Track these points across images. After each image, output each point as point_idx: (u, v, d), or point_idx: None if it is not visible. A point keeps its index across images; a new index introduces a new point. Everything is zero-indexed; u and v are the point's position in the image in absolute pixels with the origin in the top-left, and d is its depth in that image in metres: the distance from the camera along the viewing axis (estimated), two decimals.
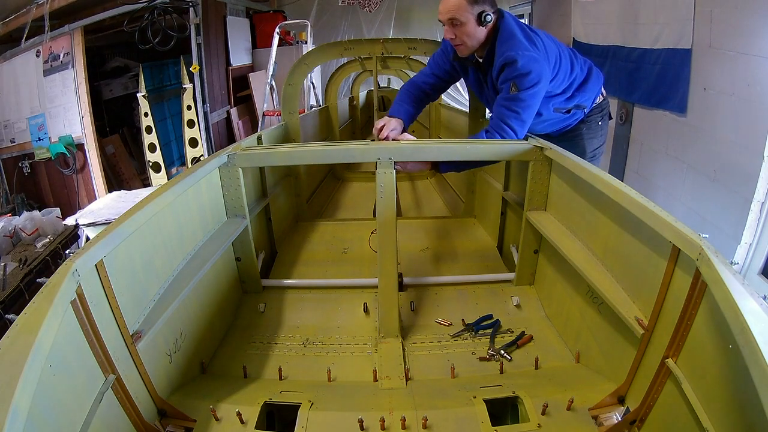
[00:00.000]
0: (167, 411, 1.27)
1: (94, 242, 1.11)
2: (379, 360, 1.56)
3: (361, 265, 2.14)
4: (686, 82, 2.83)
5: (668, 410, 1.11)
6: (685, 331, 1.06)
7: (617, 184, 1.35)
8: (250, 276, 1.96)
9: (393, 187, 1.75)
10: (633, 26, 3.41)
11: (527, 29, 1.86)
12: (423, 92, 2.15)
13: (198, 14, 4.66)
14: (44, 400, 0.85)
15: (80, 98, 4.50)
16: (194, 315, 1.56)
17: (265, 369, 1.56)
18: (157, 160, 4.92)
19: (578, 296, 1.60)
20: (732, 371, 0.90)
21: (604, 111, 2.20)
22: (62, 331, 0.93)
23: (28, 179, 4.83)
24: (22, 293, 2.79)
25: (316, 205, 3.14)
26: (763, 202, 2.35)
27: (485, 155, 1.87)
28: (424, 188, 3.57)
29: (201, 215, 1.69)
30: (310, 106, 4.94)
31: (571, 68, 2.02)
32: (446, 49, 2.07)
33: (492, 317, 1.77)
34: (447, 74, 2.12)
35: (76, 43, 4.46)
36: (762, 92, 2.29)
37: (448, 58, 2.07)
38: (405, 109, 2.07)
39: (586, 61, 2.15)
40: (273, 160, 2.03)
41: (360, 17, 7.42)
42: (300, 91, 2.93)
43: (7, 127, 4.74)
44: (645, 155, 3.42)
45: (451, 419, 1.26)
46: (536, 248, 1.91)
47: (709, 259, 0.97)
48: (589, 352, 1.52)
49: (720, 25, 2.56)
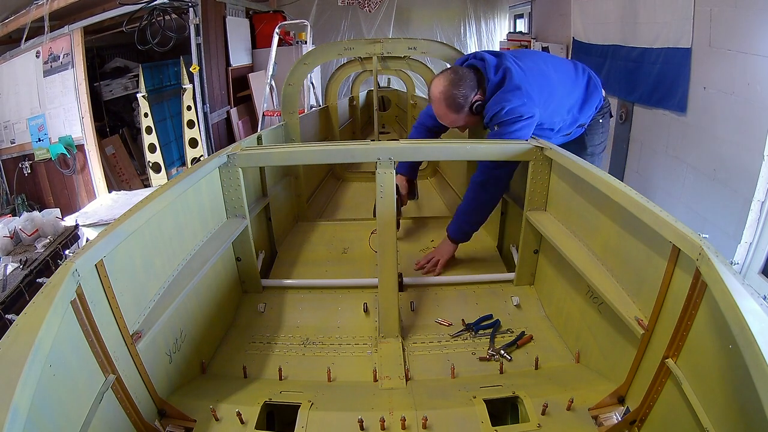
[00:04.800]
0: (167, 411, 1.27)
1: (94, 242, 1.11)
2: (379, 360, 1.56)
3: (361, 265, 2.14)
4: (686, 82, 2.83)
5: (668, 410, 1.11)
6: (685, 331, 1.06)
7: (617, 184, 1.35)
8: (250, 276, 1.96)
9: (393, 187, 1.75)
10: (633, 25, 3.41)
11: (514, 76, 1.87)
12: (432, 132, 2.29)
13: (197, 14, 4.66)
14: (44, 400, 0.85)
15: (80, 99, 4.49)
16: (194, 315, 1.56)
17: (265, 369, 1.56)
18: (157, 160, 4.92)
19: (578, 296, 1.60)
20: (732, 371, 0.90)
21: (605, 110, 2.20)
22: (62, 331, 0.93)
23: (28, 180, 4.83)
24: (22, 294, 2.79)
25: (316, 205, 3.14)
26: (763, 202, 2.35)
27: (485, 155, 1.87)
28: (424, 188, 3.56)
29: (201, 215, 1.69)
30: (310, 106, 4.93)
31: (568, 94, 2.03)
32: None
33: (492, 317, 1.77)
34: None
35: (75, 44, 4.45)
36: (762, 91, 2.29)
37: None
38: (408, 163, 2.28)
39: (584, 70, 2.13)
40: (273, 160, 2.03)
41: (360, 17, 7.43)
42: (300, 91, 2.93)
43: (7, 128, 4.74)
44: (645, 155, 3.42)
45: (451, 419, 1.26)
46: (536, 248, 1.91)
47: (709, 259, 0.97)
48: (589, 352, 1.52)
49: (720, 24, 2.56)
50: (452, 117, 1.96)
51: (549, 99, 1.92)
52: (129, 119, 5.79)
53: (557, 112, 1.98)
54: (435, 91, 1.94)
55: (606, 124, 2.25)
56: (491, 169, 1.92)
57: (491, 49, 7.92)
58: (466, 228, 2.05)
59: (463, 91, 1.90)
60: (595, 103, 2.11)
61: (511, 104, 1.81)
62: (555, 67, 2.04)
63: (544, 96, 1.90)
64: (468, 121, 1.99)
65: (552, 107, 1.95)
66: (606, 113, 2.22)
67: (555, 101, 1.95)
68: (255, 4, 6.55)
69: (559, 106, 1.98)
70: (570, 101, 2.03)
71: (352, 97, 5.05)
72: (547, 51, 5.10)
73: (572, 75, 2.08)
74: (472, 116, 1.96)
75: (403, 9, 7.62)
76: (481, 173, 1.95)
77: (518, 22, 7.55)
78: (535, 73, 1.91)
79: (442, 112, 1.97)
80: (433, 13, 7.86)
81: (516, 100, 1.82)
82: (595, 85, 2.11)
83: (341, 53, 2.70)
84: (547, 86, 1.92)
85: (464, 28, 7.94)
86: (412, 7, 7.79)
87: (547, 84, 1.93)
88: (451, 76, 1.92)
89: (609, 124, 2.29)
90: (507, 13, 7.84)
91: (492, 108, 1.87)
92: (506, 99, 1.83)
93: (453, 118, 1.97)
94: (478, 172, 1.97)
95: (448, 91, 1.90)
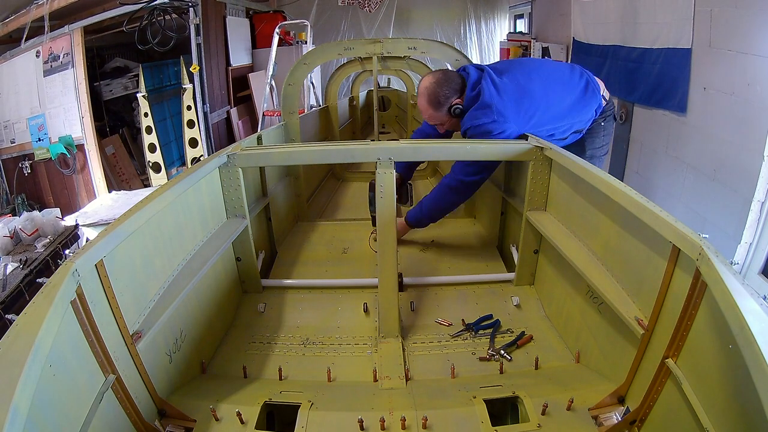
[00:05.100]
0: (167, 411, 1.27)
1: (94, 242, 1.11)
2: (379, 360, 1.56)
3: (361, 265, 2.14)
4: (686, 82, 2.83)
5: (668, 410, 1.11)
6: (685, 331, 1.06)
7: (617, 184, 1.35)
8: (250, 276, 1.96)
9: (393, 187, 1.75)
10: (633, 26, 3.41)
11: (485, 94, 1.93)
12: (429, 138, 2.33)
13: (198, 14, 4.66)
14: (44, 400, 0.85)
15: (80, 98, 4.49)
16: (194, 315, 1.56)
17: (265, 369, 1.56)
18: (157, 160, 4.92)
19: (578, 296, 1.60)
20: (732, 371, 0.90)
21: (607, 113, 2.18)
22: (62, 331, 0.93)
23: (29, 180, 4.83)
24: (22, 293, 2.79)
25: (316, 205, 3.14)
26: (763, 202, 2.35)
27: (485, 155, 1.87)
28: (424, 188, 3.56)
29: (201, 215, 1.69)
30: (310, 106, 4.93)
31: (558, 102, 2.03)
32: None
33: (492, 317, 1.77)
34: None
35: (75, 44, 4.45)
36: (762, 91, 2.29)
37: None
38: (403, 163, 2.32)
39: (582, 74, 2.12)
40: (273, 160, 2.03)
41: (360, 17, 7.43)
42: (300, 91, 2.93)
43: (7, 128, 4.74)
44: (645, 155, 3.42)
45: (451, 419, 1.26)
46: (536, 248, 1.91)
47: (709, 259, 0.97)
48: (589, 352, 1.52)
49: (720, 24, 2.56)
50: (430, 112, 2.06)
51: (530, 111, 1.97)
52: (129, 119, 5.79)
53: (545, 121, 2.00)
54: (423, 84, 2.07)
55: (609, 127, 2.23)
56: (469, 175, 2.00)
57: (491, 49, 7.97)
58: (425, 221, 2.19)
59: (446, 91, 2.00)
60: (593, 107, 2.10)
61: (480, 121, 1.93)
62: (543, 77, 2.05)
63: (523, 109, 1.96)
64: (445, 121, 2.08)
65: (536, 119, 1.98)
66: (609, 116, 2.20)
67: (539, 112, 1.98)
68: (255, 4, 6.55)
69: (544, 116, 1.99)
70: (560, 108, 2.04)
71: (352, 97, 5.05)
72: (547, 51, 5.11)
73: (565, 82, 2.08)
74: (450, 118, 2.05)
75: (403, 9, 7.62)
76: (455, 179, 2.03)
77: (518, 22, 7.55)
78: (511, 90, 1.97)
79: (422, 106, 2.08)
80: (433, 13, 7.87)
81: (485, 117, 1.92)
82: (594, 89, 2.10)
83: (341, 53, 2.71)
84: (526, 99, 1.97)
85: (464, 28, 7.95)
86: (412, 7, 7.79)
87: (527, 97, 1.97)
88: (440, 75, 2.04)
89: (612, 127, 2.27)
90: (507, 13, 7.84)
91: (466, 122, 1.99)
92: (476, 117, 1.94)
93: (431, 113, 2.07)
94: (452, 175, 2.04)
95: (432, 87, 2.02)
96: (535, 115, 1.97)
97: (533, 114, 1.97)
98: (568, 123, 2.07)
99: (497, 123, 1.91)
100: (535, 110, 1.97)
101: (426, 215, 2.16)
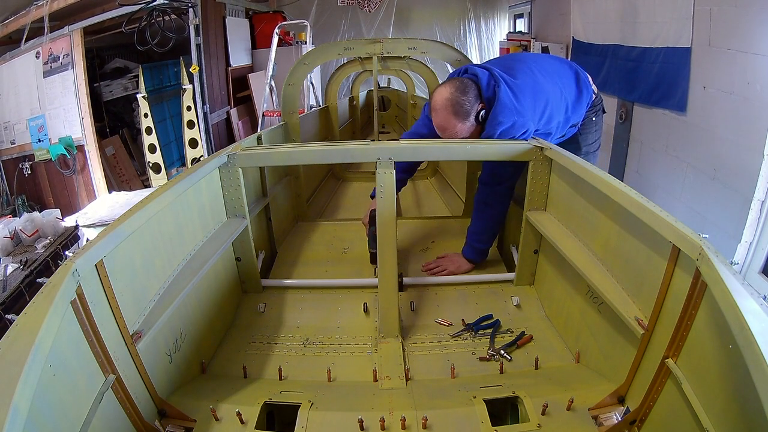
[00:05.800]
0: (167, 411, 1.27)
1: (94, 242, 1.11)
2: (379, 360, 1.56)
3: (361, 265, 2.14)
4: (686, 81, 2.83)
5: (668, 410, 1.11)
6: (685, 331, 1.06)
7: (617, 184, 1.35)
8: (250, 276, 1.96)
9: (393, 187, 1.75)
10: (632, 25, 3.41)
11: (502, 94, 1.83)
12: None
13: (197, 15, 4.66)
14: (44, 400, 0.85)
15: (80, 99, 4.49)
16: (194, 315, 1.56)
17: (265, 369, 1.56)
18: (157, 160, 4.92)
19: (578, 296, 1.60)
20: (732, 371, 0.90)
21: (597, 107, 2.17)
22: (62, 331, 0.93)
23: (29, 180, 4.83)
24: (22, 294, 2.79)
25: (316, 205, 3.14)
26: (764, 201, 2.35)
27: (485, 155, 1.87)
28: (424, 188, 3.56)
29: (201, 215, 1.69)
30: (310, 106, 4.93)
31: (561, 96, 2.01)
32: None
33: (492, 317, 1.77)
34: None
35: (75, 45, 4.45)
36: (761, 90, 2.29)
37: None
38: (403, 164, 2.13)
39: (571, 67, 2.11)
40: (273, 160, 2.03)
41: (360, 17, 7.43)
42: (300, 91, 2.93)
43: (7, 129, 4.74)
44: (645, 154, 3.42)
45: (451, 419, 1.26)
46: (536, 248, 1.91)
47: (709, 259, 0.97)
48: (589, 352, 1.52)
49: (719, 23, 2.56)
50: (458, 127, 1.84)
51: (544, 107, 1.92)
52: (129, 120, 5.79)
53: (553, 117, 1.97)
54: (440, 98, 1.85)
55: (599, 121, 2.21)
56: (491, 186, 1.95)
57: (491, 49, 7.97)
58: (478, 246, 2.04)
59: (470, 98, 1.83)
60: (586, 101, 2.09)
61: (503, 126, 1.82)
62: (545, 71, 2.01)
63: (540, 106, 1.89)
64: (472, 132, 1.89)
65: (547, 114, 1.94)
66: (598, 110, 2.18)
67: (549, 107, 1.94)
68: (255, 5, 6.55)
69: (553, 110, 1.96)
70: (564, 102, 2.01)
71: (352, 97, 5.05)
72: (547, 50, 5.10)
73: (562, 74, 2.06)
74: (477, 126, 1.87)
75: (403, 9, 7.62)
76: (482, 192, 1.98)
77: (518, 21, 7.55)
78: (526, 87, 1.88)
79: (445, 122, 1.85)
80: (433, 13, 7.86)
81: (507, 120, 1.82)
82: (585, 82, 2.08)
83: (341, 53, 2.71)
84: (540, 95, 1.91)
85: (464, 28, 7.94)
86: (412, 7, 7.79)
87: (540, 92, 1.91)
88: (457, 83, 1.86)
89: (602, 121, 2.25)
90: (507, 12, 7.84)
91: (487, 127, 1.86)
92: (497, 121, 1.82)
93: (458, 128, 1.84)
94: (479, 191, 2.00)
95: (454, 98, 1.82)
96: (547, 111, 1.94)
97: (546, 110, 1.93)
98: (568, 116, 2.06)
99: (517, 123, 1.83)
100: (547, 106, 1.93)
101: (476, 240, 2.03)
